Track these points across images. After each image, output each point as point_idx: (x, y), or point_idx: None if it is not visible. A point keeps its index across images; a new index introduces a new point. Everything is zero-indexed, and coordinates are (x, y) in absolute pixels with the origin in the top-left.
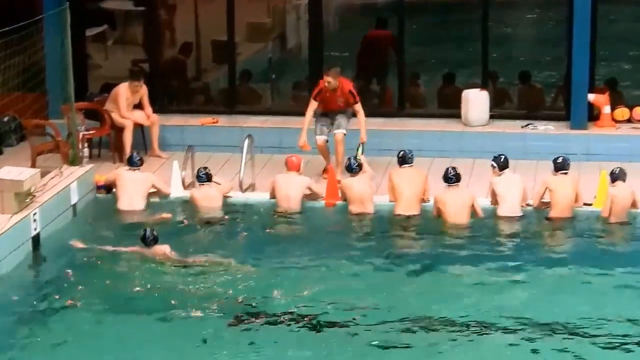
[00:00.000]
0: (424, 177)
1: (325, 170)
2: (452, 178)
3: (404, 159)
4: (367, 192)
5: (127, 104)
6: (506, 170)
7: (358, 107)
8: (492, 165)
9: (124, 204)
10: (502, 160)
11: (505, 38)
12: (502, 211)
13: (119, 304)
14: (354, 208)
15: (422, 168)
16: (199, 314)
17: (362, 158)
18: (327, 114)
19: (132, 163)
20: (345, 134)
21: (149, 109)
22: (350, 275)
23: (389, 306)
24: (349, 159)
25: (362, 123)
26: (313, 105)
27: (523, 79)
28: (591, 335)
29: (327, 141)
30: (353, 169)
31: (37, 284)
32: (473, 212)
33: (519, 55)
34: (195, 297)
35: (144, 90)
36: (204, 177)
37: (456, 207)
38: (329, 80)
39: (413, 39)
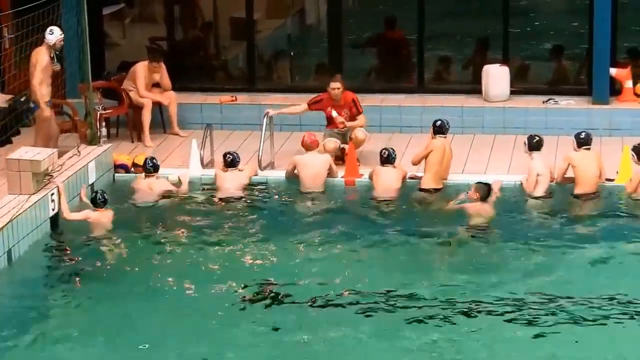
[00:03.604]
0: (451, 153)
1: (338, 157)
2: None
3: (440, 129)
4: (395, 187)
5: (146, 83)
6: (535, 153)
7: (361, 116)
8: (524, 143)
9: (139, 201)
10: (535, 141)
11: (526, 11)
12: (537, 192)
13: (135, 283)
14: (378, 194)
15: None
16: (213, 290)
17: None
18: (338, 132)
19: (147, 170)
20: (366, 136)
21: (168, 85)
22: (378, 254)
23: (414, 284)
24: (388, 149)
25: (357, 122)
26: (302, 107)
27: (555, 53)
28: (617, 312)
29: (339, 147)
30: (391, 159)
31: (55, 263)
32: None
33: (541, 29)
34: (211, 274)
35: (162, 69)
36: (227, 162)
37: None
38: (337, 87)
39: (433, 13)
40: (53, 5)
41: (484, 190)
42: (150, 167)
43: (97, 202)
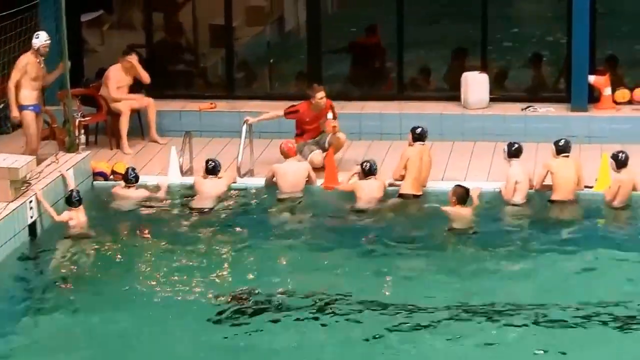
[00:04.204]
0: (431, 159)
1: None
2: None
3: (420, 136)
4: (377, 197)
5: (123, 85)
6: (514, 160)
7: (336, 121)
8: (504, 150)
9: (118, 208)
10: (513, 148)
11: (505, 19)
12: (516, 199)
13: (113, 291)
14: (360, 205)
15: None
16: (192, 297)
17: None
18: (314, 141)
19: (128, 180)
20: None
21: (147, 78)
22: (355, 259)
23: (389, 291)
24: (369, 162)
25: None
26: (277, 112)
27: (534, 61)
28: (590, 317)
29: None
30: (373, 171)
31: (34, 271)
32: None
33: (520, 37)
34: (189, 281)
35: (137, 65)
36: (208, 170)
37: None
38: (323, 96)
39: (413, 20)
40: (32, 12)
41: (460, 193)
42: (132, 178)
43: (72, 201)
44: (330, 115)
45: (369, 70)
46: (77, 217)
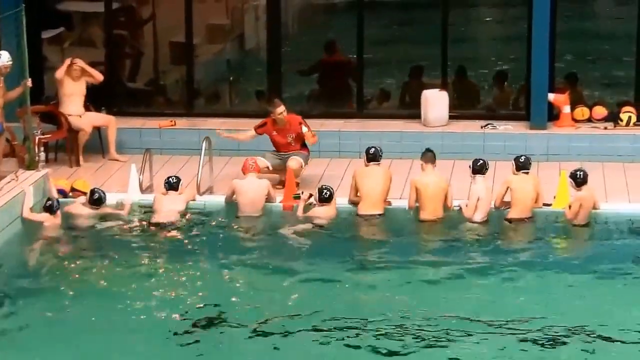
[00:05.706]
0: (389, 176)
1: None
2: None
3: (374, 156)
4: (333, 217)
5: (75, 93)
6: (478, 176)
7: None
8: (469, 167)
9: (78, 225)
10: (478, 164)
11: (465, 37)
12: (476, 217)
13: (73, 310)
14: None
15: (387, 167)
16: (149, 315)
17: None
18: (280, 155)
19: (93, 202)
20: (301, 166)
21: (99, 76)
22: (314, 279)
23: (350, 309)
24: (329, 189)
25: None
26: (251, 133)
27: (498, 79)
28: (548, 335)
29: (267, 167)
30: (325, 198)
31: None
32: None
33: (480, 55)
34: (147, 298)
35: (84, 68)
36: (167, 185)
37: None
38: (282, 111)
39: (372, 39)
40: None
41: (425, 152)
42: (104, 200)
43: (53, 209)
44: (305, 129)
45: (329, 89)
46: (52, 220)
